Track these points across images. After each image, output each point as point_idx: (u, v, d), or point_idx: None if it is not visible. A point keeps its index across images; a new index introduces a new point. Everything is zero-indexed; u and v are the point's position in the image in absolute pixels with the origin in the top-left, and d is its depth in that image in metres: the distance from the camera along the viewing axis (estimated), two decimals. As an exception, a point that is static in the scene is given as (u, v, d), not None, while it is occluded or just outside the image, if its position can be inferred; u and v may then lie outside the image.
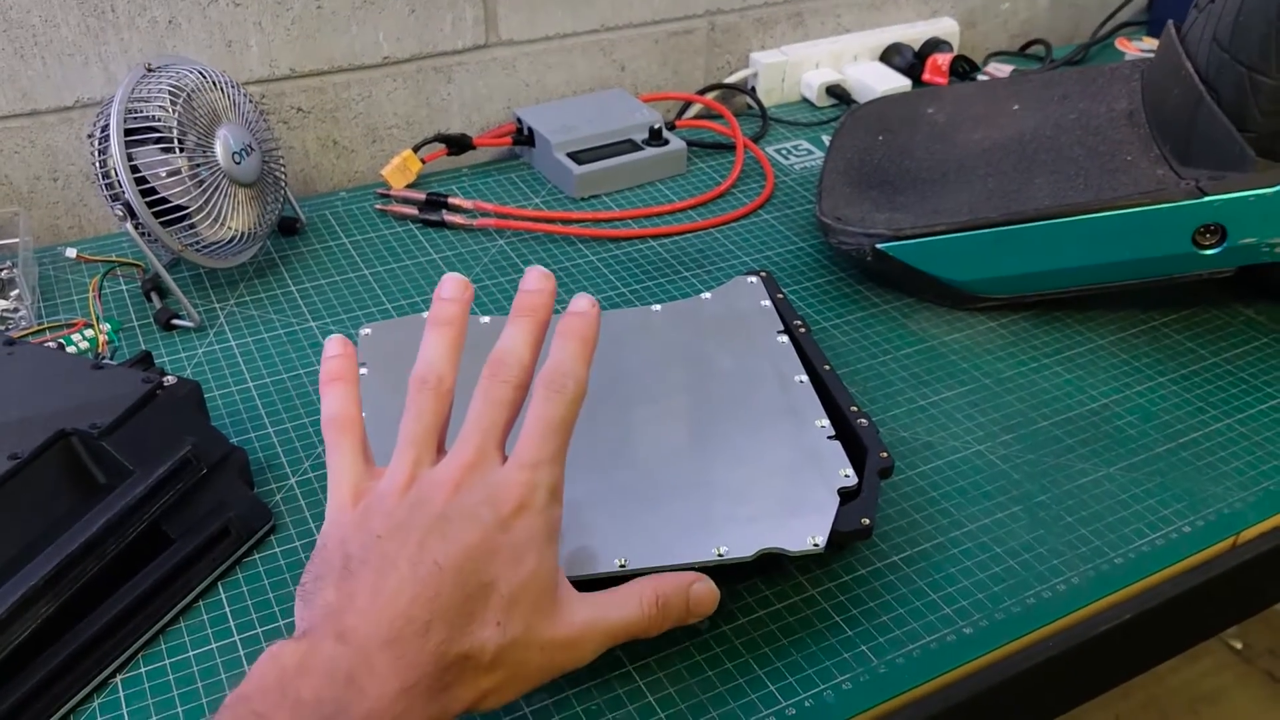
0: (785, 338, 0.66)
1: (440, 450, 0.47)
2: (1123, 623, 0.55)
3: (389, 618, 0.40)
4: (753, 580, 0.56)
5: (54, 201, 0.83)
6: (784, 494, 0.55)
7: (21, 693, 0.48)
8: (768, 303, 0.69)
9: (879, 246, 0.75)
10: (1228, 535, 0.60)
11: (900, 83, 1.05)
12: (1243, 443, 0.66)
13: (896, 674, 0.51)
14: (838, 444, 0.58)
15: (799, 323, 0.67)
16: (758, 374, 0.63)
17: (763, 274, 0.71)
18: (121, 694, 0.50)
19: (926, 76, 1.07)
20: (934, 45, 1.09)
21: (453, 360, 0.48)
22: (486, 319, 0.68)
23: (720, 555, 0.51)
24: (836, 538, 0.53)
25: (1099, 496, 0.62)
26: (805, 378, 0.63)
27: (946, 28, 1.12)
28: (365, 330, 0.65)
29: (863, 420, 0.59)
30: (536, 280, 0.49)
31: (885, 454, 0.57)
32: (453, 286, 0.49)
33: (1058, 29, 1.22)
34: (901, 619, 0.54)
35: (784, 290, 0.78)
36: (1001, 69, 1.10)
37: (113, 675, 0.51)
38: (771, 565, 0.56)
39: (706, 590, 0.48)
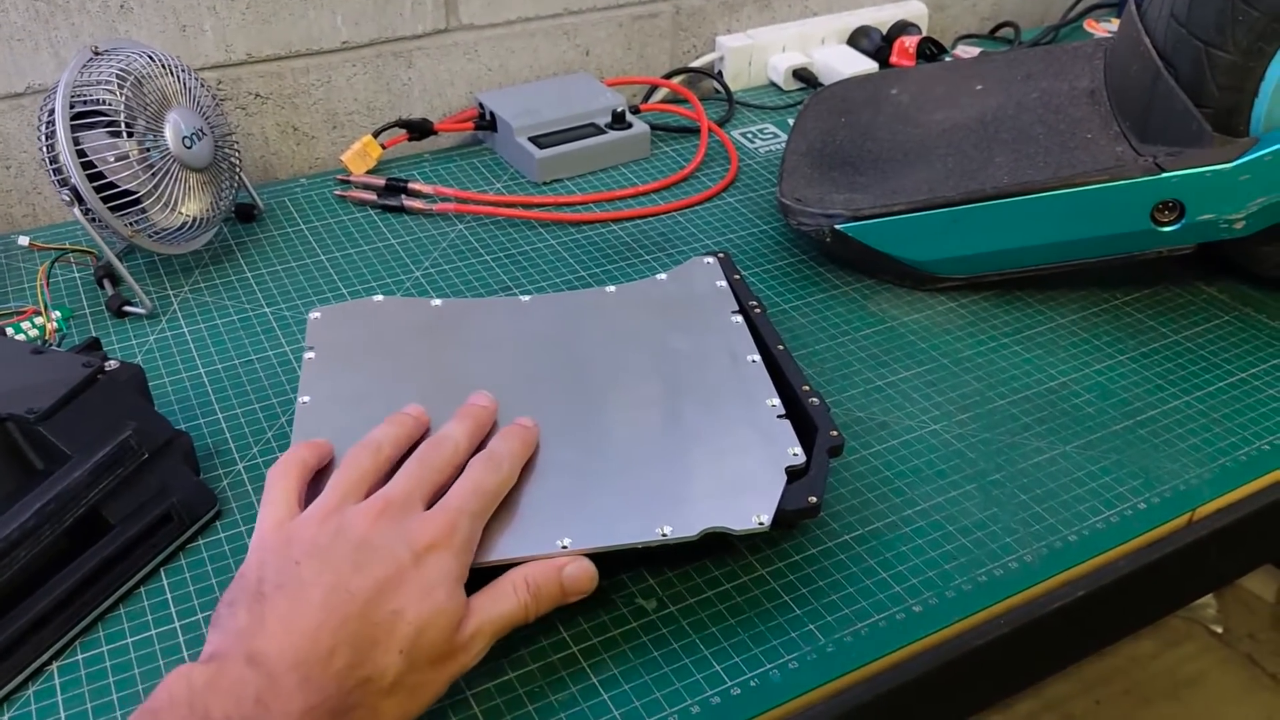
0: (739, 318, 0.65)
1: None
2: (1075, 600, 0.55)
3: (297, 642, 0.42)
4: (701, 561, 0.55)
5: (7, 190, 0.82)
6: (731, 473, 0.54)
7: (-48, 680, 0.47)
8: (723, 283, 0.68)
9: (837, 227, 0.74)
10: (1183, 511, 0.59)
11: (867, 65, 1.04)
12: (1201, 419, 0.66)
13: (844, 652, 0.51)
14: (787, 423, 0.57)
15: (755, 303, 0.67)
16: (710, 354, 0.63)
17: (720, 255, 0.71)
18: (57, 680, 0.49)
19: (894, 59, 1.07)
20: (902, 28, 1.09)
21: (398, 446, 0.52)
22: (526, 299, 0.68)
23: (664, 535, 0.51)
24: (784, 517, 0.53)
25: (1054, 474, 0.61)
26: (757, 357, 0.62)
27: (915, 10, 1.11)
28: (314, 314, 0.64)
29: (814, 399, 0.59)
30: (484, 398, 0.56)
31: (835, 433, 0.56)
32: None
33: (1027, 11, 1.22)
34: (851, 598, 0.54)
35: (744, 272, 0.78)
36: (969, 51, 1.10)
37: (49, 662, 0.50)
38: (720, 545, 0.56)
39: (580, 570, 0.49)
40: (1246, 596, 1.82)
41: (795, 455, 0.55)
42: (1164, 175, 0.68)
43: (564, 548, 0.50)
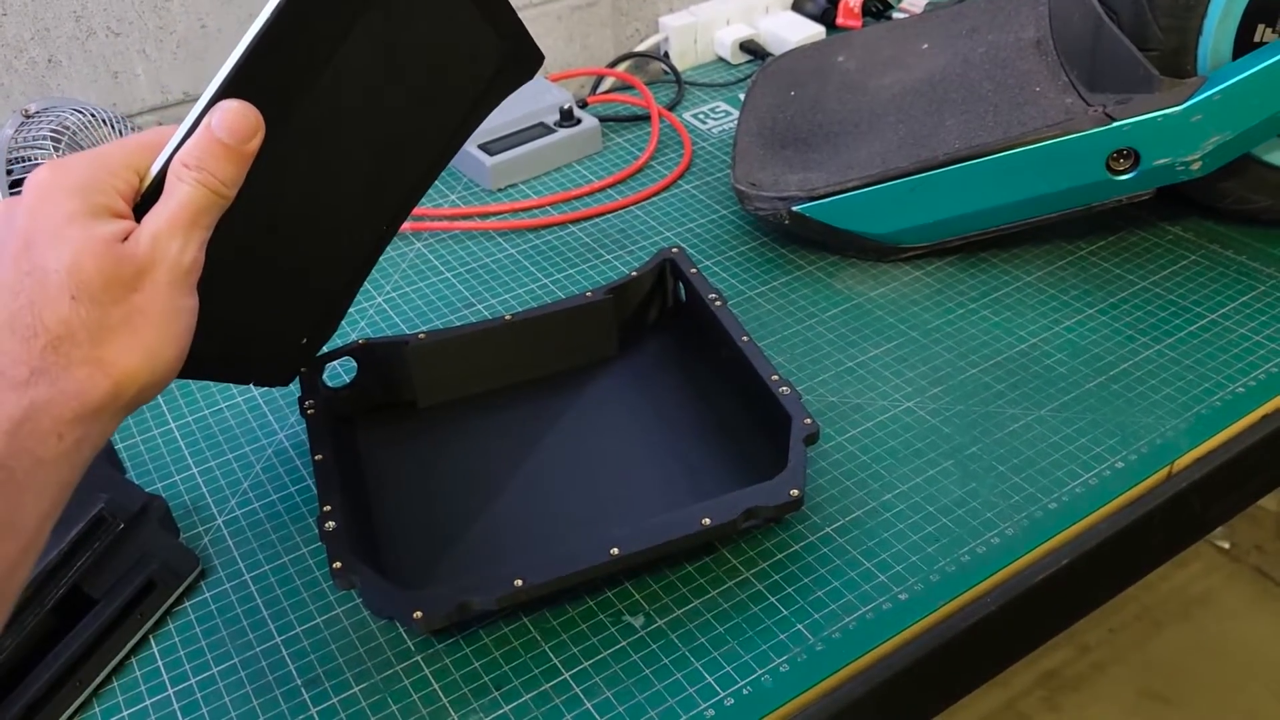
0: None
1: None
2: (1060, 569, 0.55)
3: None
4: (685, 569, 0.55)
5: (-41, 257, 0.81)
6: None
7: (-51, 779, 0.47)
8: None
9: (794, 209, 0.73)
10: (1162, 466, 0.59)
11: (814, 30, 1.03)
12: (1173, 368, 0.65)
13: (834, 650, 0.51)
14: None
15: (714, 296, 0.66)
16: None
17: (674, 249, 0.70)
18: (56, 765, 0.50)
19: (840, 21, 1.05)
20: (846, -12, 1.07)
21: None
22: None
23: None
24: (767, 513, 0.53)
25: (1030, 441, 0.61)
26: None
27: (857, -32, 1.09)
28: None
29: (785, 389, 0.59)
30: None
31: (809, 420, 0.57)
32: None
33: (972, -46, 1.20)
34: (836, 592, 0.54)
35: (705, 262, 0.78)
36: (915, 4, 1.08)
37: (46, 746, 0.50)
38: (703, 550, 0.56)
39: (227, 117, 0.42)
40: (1252, 509, 1.83)
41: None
42: (1115, 124, 0.68)
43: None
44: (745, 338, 0.63)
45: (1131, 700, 1.56)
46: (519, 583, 0.49)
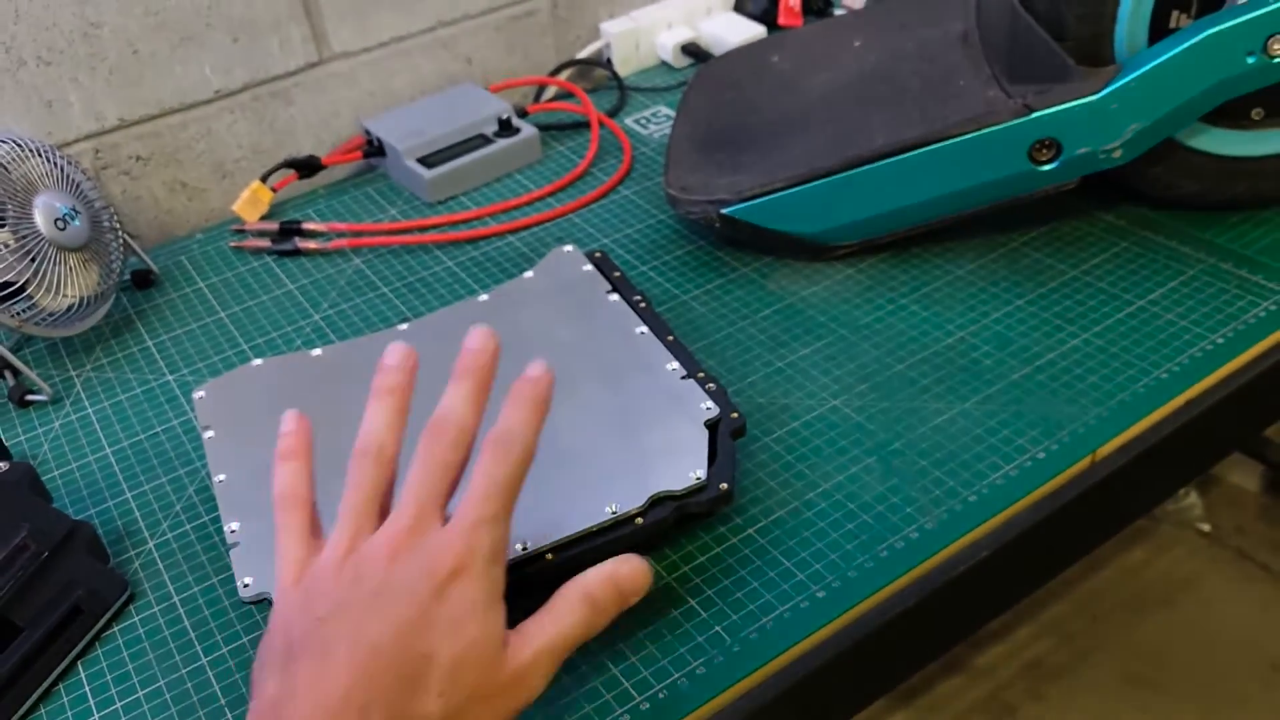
0: (615, 296, 0.66)
1: (383, 516, 0.47)
2: (980, 561, 0.55)
3: (329, 706, 0.41)
4: (607, 577, 0.55)
5: (-100, 291, 0.81)
6: (656, 441, 0.56)
7: None
8: (589, 267, 0.69)
9: (723, 211, 0.74)
10: (1084, 455, 0.60)
11: (756, 30, 1.03)
12: (1099, 356, 0.66)
13: (750, 651, 0.51)
14: (692, 382, 0.59)
15: (639, 298, 0.67)
16: (599, 336, 0.64)
17: (596, 254, 0.71)
18: (-22, 795, 0.50)
19: (782, 20, 1.06)
20: (788, -14, 1.08)
21: (396, 429, 0.48)
22: (403, 326, 0.68)
23: (613, 512, 0.52)
24: (697, 507, 0.54)
25: (953, 435, 0.61)
26: (645, 329, 0.63)
27: (799, -33, 1.10)
28: (199, 393, 0.64)
29: (711, 385, 0.59)
30: (480, 340, 0.48)
31: (736, 414, 0.58)
32: (396, 355, 0.49)
33: (917, -51, 1.20)
34: (755, 593, 0.54)
35: (641, 266, 0.78)
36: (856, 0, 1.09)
37: (-31, 776, 0.51)
38: (629, 550, 0.56)
39: (632, 569, 0.47)
40: (1232, 491, 1.83)
41: (708, 409, 0.57)
42: (1034, 115, 0.68)
43: (522, 550, 0.51)
44: (670, 337, 0.64)
45: (1115, 687, 1.56)
46: (520, 547, 0.50)
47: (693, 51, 1.04)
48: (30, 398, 0.73)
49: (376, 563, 0.44)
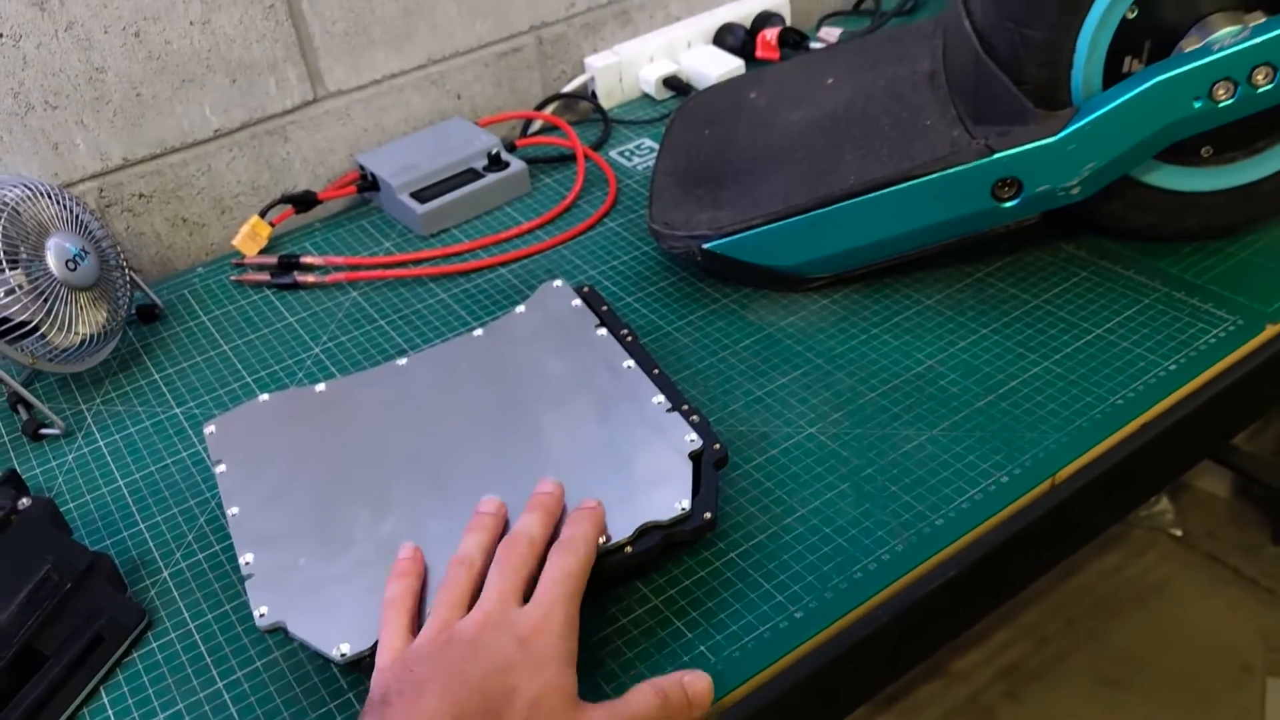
0: (604, 330, 0.70)
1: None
2: (946, 581, 0.59)
3: None
4: (598, 599, 0.59)
5: (-88, 327, 0.84)
6: (643, 472, 0.60)
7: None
8: (578, 302, 0.73)
9: (705, 247, 0.78)
10: (1045, 478, 0.64)
11: (734, 64, 1.07)
12: (1059, 383, 0.70)
13: (732, 669, 0.55)
14: (676, 415, 0.62)
15: (625, 331, 0.71)
16: (588, 369, 0.67)
17: (585, 288, 0.74)
18: (11, 814, 0.53)
19: (759, 53, 1.10)
20: (765, 19, 1.12)
21: (487, 552, 0.56)
22: (403, 361, 0.71)
23: (605, 542, 0.56)
24: (682, 536, 0.57)
25: (921, 461, 0.65)
26: (632, 363, 0.67)
27: None
28: (209, 428, 0.67)
29: (695, 416, 0.63)
30: (550, 485, 0.59)
31: (718, 445, 0.61)
32: (493, 504, 0.59)
33: (889, -21, 1.25)
34: (737, 614, 0.58)
35: (626, 298, 0.82)
36: (831, 33, 1.13)
37: (2, 797, 0.54)
38: (613, 578, 0.60)
39: (699, 682, 0.52)
40: (1202, 496, 1.88)
41: (692, 441, 0.61)
42: (996, 156, 0.72)
43: None
44: (656, 370, 0.67)
45: (1090, 688, 1.61)
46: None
47: (674, 84, 1.08)
48: (44, 432, 0.76)
49: (467, 631, 0.51)
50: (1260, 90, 0.69)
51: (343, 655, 0.53)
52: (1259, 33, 0.68)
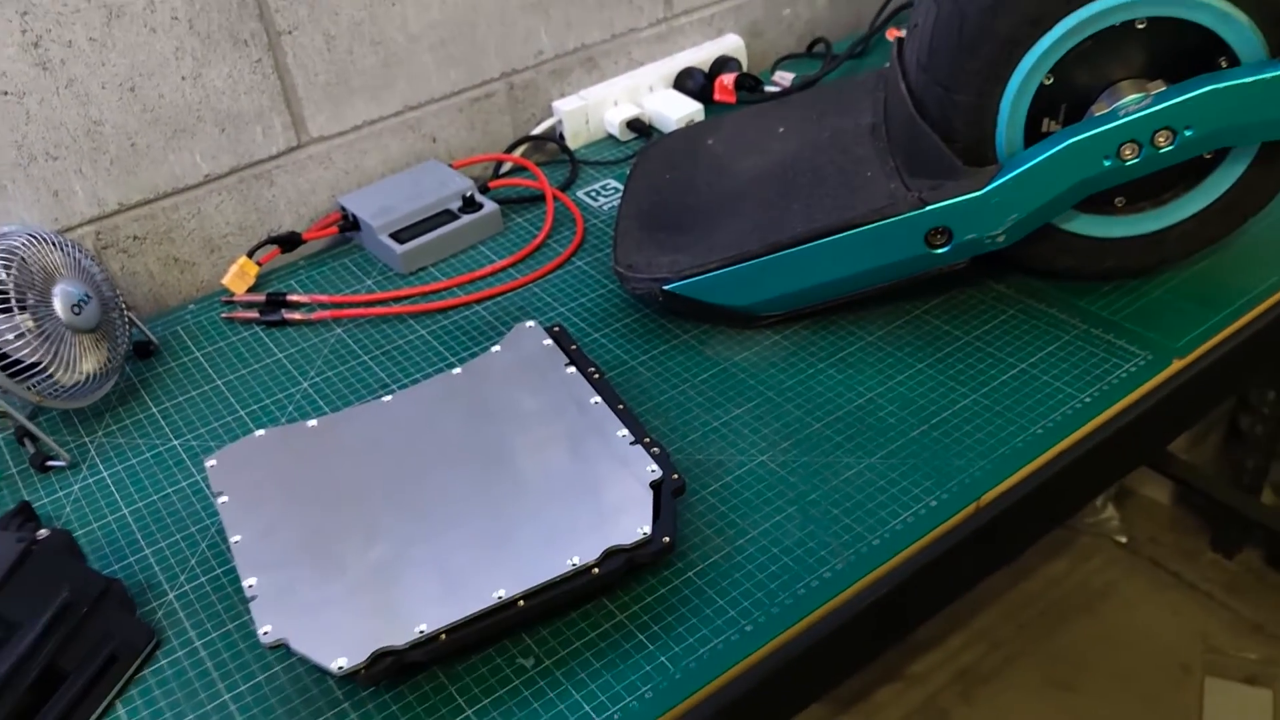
0: (572, 368, 0.76)
1: None
2: (880, 597, 0.66)
3: None
4: (569, 615, 0.66)
5: (-80, 364, 0.90)
6: (609, 499, 0.67)
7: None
8: (549, 341, 0.79)
9: (665, 288, 0.84)
10: (970, 501, 0.71)
11: (693, 107, 1.14)
12: (985, 414, 0.77)
13: (689, 677, 0.62)
14: (639, 448, 0.69)
15: (593, 369, 0.77)
16: (557, 405, 0.74)
17: (555, 328, 0.81)
18: (39, 818, 0.59)
19: (717, 97, 1.17)
20: (722, 64, 1.19)
21: None
22: (388, 398, 0.77)
23: (575, 564, 0.62)
24: (643, 558, 0.64)
25: (861, 486, 0.72)
26: (599, 399, 0.73)
27: (732, 44, 1.21)
28: (211, 462, 0.73)
29: (656, 449, 0.70)
30: None
31: (676, 476, 0.68)
32: None
33: (840, 23, 1.32)
34: (694, 627, 0.64)
35: (594, 334, 0.88)
36: (785, 77, 1.20)
37: (30, 803, 0.59)
38: (585, 595, 0.66)
39: None
40: (1146, 503, 1.97)
41: (653, 471, 0.67)
42: (928, 208, 0.79)
43: (499, 598, 0.61)
44: (621, 405, 0.74)
45: (1039, 689, 1.69)
46: (422, 628, 0.60)
47: (637, 126, 1.14)
48: (50, 464, 0.81)
49: None
50: (1162, 150, 0.77)
51: (340, 668, 0.59)
52: (1160, 100, 0.75)
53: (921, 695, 1.70)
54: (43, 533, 0.68)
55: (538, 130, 1.13)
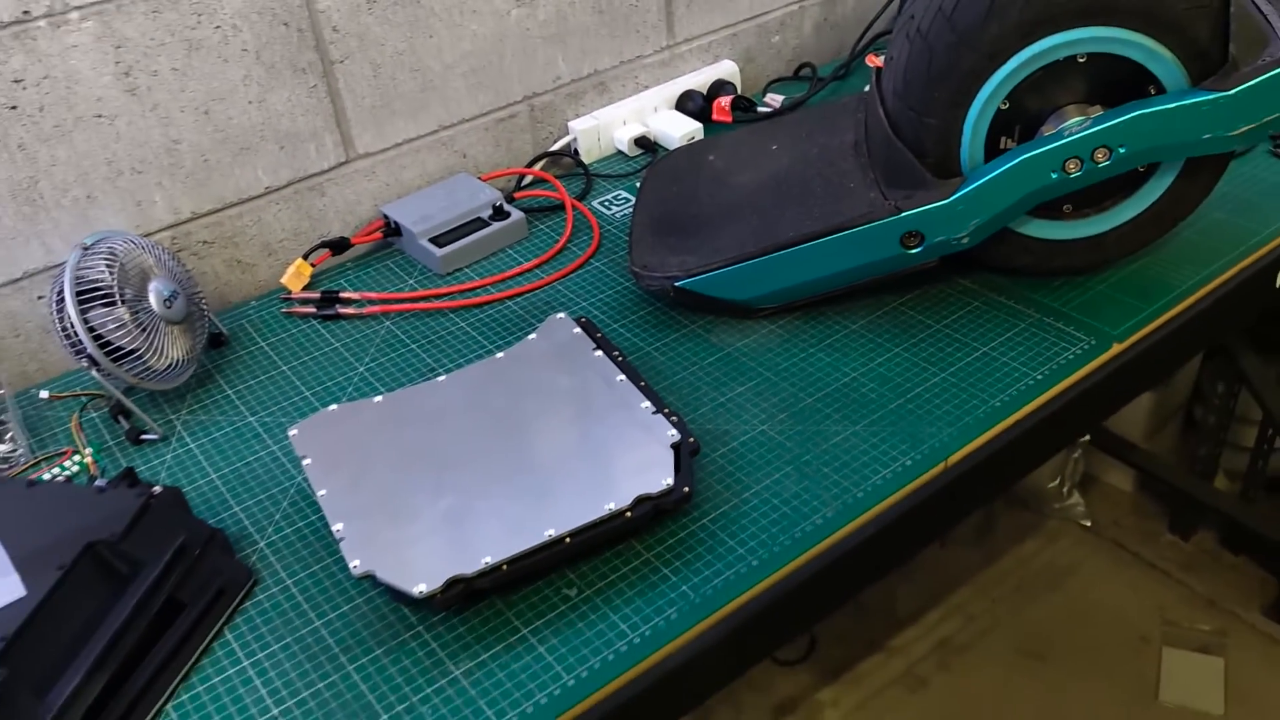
0: (599, 352, 0.89)
1: None
2: (866, 539, 0.79)
3: None
4: (605, 554, 0.79)
5: (19, 353, 1.02)
6: (636, 458, 0.79)
7: (105, 729, 0.68)
8: (578, 330, 0.92)
9: (676, 285, 0.97)
10: (939, 462, 0.84)
11: (694, 126, 1.27)
12: (952, 389, 0.90)
13: (706, 602, 0.74)
14: (659, 416, 0.81)
15: (617, 353, 0.90)
16: (587, 383, 0.87)
17: (583, 319, 0.94)
18: (174, 717, 0.71)
19: (715, 117, 1.30)
20: (719, 87, 1.32)
21: None
22: (442, 378, 0.90)
23: (611, 509, 0.75)
24: (667, 505, 0.77)
25: (847, 449, 0.85)
26: (623, 377, 0.86)
27: (727, 69, 1.35)
28: (293, 431, 0.85)
29: (674, 417, 0.83)
30: None
31: (693, 439, 0.81)
32: None
33: (825, 49, 1.46)
34: (709, 563, 0.77)
35: (613, 325, 1.01)
36: (775, 98, 1.34)
37: (164, 705, 0.72)
38: (619, 536, 0.79)
39: None
40: (1110, 490, 2.12)
41: (672, 435, 0.80)
42: (902, 215, 0.93)
43: (550, 536, 0.74)
44: (643, 383, 0.87)
45: (1011, 659, 1.83)
46: (487, 559, 0.73)
47: (643, 143, 1.27)
48: (144, 437, 0.94)
49: None
50: (1100, 165, 0.90)
51: (420, 592, 0.72)
52: (1098, 122, 0.89)
53: (903, 665, 1.83)
54: (157, 489, 0.80)
55: (555, 146, 1.26)
